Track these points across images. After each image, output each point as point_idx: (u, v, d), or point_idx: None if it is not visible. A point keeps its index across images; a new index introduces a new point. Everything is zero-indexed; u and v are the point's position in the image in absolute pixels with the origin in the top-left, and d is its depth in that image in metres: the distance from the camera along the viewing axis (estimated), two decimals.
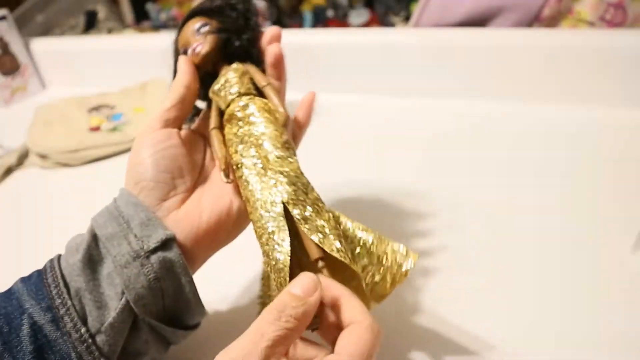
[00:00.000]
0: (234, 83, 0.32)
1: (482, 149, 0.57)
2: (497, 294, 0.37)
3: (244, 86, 0.32)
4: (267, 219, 0.27)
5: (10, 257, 0.49)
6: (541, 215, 0.45)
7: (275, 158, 0.29)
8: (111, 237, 0.28)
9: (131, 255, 0.27)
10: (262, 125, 0.30)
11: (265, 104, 0.31)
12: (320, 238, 0.26)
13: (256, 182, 0.28)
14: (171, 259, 0.28)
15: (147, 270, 0.27)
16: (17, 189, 0.62)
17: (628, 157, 0.52)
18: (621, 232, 0.41)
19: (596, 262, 0.39)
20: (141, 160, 0.30)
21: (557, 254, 0.40)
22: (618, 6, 0.64)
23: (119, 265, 0.27)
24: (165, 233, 0.28)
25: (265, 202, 0.28)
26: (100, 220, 0.29)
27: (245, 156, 0.30)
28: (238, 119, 0.31)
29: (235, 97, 0.32)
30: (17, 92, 0.89)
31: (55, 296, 0.26)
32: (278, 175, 0.28)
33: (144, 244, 0.27)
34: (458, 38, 0.65)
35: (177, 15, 1.18)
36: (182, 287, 0.29)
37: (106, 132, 0.69)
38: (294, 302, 0.22)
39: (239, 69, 0.33)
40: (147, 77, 0.81)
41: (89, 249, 0.28)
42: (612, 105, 0.60)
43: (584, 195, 0.47)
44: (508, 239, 0.43)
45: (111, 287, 0.27)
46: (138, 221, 0.28)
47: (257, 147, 0.30)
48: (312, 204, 0.28)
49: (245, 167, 0.29)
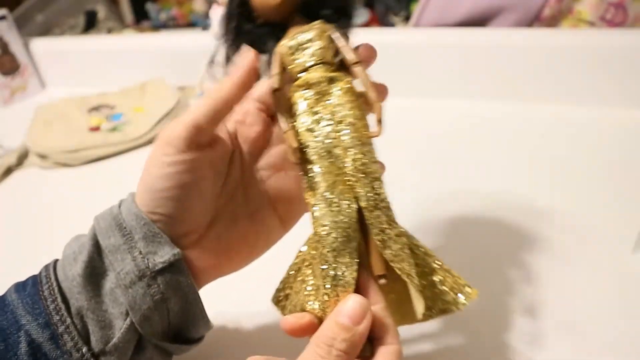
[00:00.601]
0: (317, 48, 0.26)
1: (482, 149, 0.57)
2: (495, 291, 0.37)
3: (329, 54, 0.26)
4: (337, 222, 0.24)
5: (10, 257, 0.49)
6: (541, 215, 0.45)
7: (356, 154, 0.25)
8: (114, 250, 0.26)
9: (136, 274, 0.26)
10: (346, 111, 0.25)
11: (352, 86, 0.26)
12: (393, 257, 0.24)
13: (327, 174, 0.25)
14: (179, 279, 0.27)
15: (153, 291, 0.26)
16: (16, 189, 0.62)
17: (628, 157, 0.52)
18: (621, 232, 0.41)
19: (596, 262, 0.39)
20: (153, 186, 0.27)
21: (556, 254, 0.40)
22: (618, 6, 0.64)
23: (124, 284, 0.26)
24: (172, 253, 0.26)
25: (336, 203, 0.24)
26: (103, 224, 0.27)
27: (317, 137, 0.25)
28: (316, 92, 0.26)
29: (315, 64, 0.26)
30: (16, 92, 0.89)
31: (52, 312, 0.25)
32: (358, 174, 0.25)
33: (150, 262, 0.26)
34: (458, 38, 0.65)
35: (176, 15, 1.18)
36: (189, 304, 0.27)
37: (106, 132, 0.69)
38: (343, 334, 0.21)
39: (325, 30, 0.26)
40: (147, 77, 0.81)
41: (91, 261, 0.26)
42: (612, 105, 0.60)
43: (583, 195, 0.47)
44: (508, 238, 0.43)
45: (115, 305, 0.26)
46: (141, 234, 0.26)
47: (335, 133, 0.25)
48: (386, 214, 0.25)
49: (314, 152, 0.25)
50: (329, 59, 0.26)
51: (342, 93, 0.26)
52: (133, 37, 0.95)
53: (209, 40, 0.65)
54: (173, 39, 0.87)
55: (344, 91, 0.26)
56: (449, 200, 0.48)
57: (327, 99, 0.26)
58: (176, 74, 0.80)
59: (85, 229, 0.29)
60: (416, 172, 0.54)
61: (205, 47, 0.73)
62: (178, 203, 0.26)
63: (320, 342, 0.22)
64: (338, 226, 0.24)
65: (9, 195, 0.61)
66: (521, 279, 0.38)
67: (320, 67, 0.26)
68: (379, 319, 0.23)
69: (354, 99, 0.26)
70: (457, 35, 0.66)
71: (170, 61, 0.82)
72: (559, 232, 0.43)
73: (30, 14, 0.99)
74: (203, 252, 0.28)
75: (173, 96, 0.73)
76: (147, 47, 0.84)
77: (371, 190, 0.25)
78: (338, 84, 0.26)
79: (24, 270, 0.29)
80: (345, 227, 0.24)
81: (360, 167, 0.25)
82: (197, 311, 0.28)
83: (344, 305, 0.22)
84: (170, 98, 0.73)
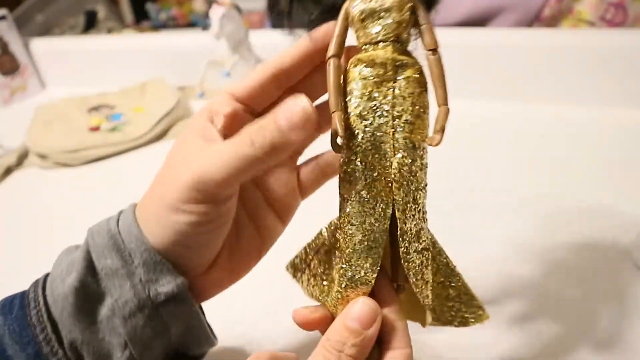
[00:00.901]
0: (394, 20, 0.22)
1: (482, 149, 0.57)
2: (494, 290, 0.37)
3: (404, 30, 0.23)
4: (367, 225, 0.22)
5: (10, 257, 0.49)
6: (541, 215, 0.45)
7: (404, 159, 0.22)
8: (112, 274, 0.23)
9: (136, 304, 0.23)
10: (407, 105, 0.22)
11: (421, 77, 0.23)
12: (413, 271, 0.23)
13: (368, 170, 0.22)
14: (182, 309, 0.25)
15: (154, 322, 0.24)
16: (16, 189, 0.62)
17: (628, 156, 0.52)
18: (621, 231, 0.41)
19: (596, 261, 0.39)
20: None
21: (556, 254, 0.40)
22: (618, 6, 0.64)
23: (122, 314, 0.23)
24: (176, 283, 0.24)
25: (371, 205, 0.22)
26: (98, 240, 0.24)
27: (367, 128, 0.22)
28: (379, 74, 0.22)
29: (386, 39, 0.22)
30: (16, 92, 0.89)
31: (42, 342, 0.23)
32: (402, 180, 0.22)
33: (151, 292, 0.23)
34: (458, 38, 0.65)
35: (176, 15, 1.18)
36: (191, 327, 0.26)
37: (106, 132, 0.69)
38: (352, 339, 0.21)
39: (407, 1, 0.22)
40: (147, 77, 0.80)
41: (83, 285, 0.23)
42: (612, 105, 0.60)
43: (584, 194, 0.47)
44: (507, 238, 0.42)
45: (113, 334, 0.24)
46: (141, 260, 0.23)
47: (389, 129, 0.22)
48: (419, 227, 0.23)
49: (360, 144, 0.22)
50: (403, 37, 0.23)
51: (407, 83, 0.22)
52: (133, 37, 0.96)
53: (209, 40, 0.65)
54: (173, 39, 0.87)
55: (411, 81, 0.22)
56: (449, 200, 0.48)
57: (390, 86, 0.22)
58: (176, 74, 0.80)
59: (85, 229, 0.29)
60: None
61: (205, 47, 0.74)
62: (191, 249, 0.24)
63: (330, 347, 0.21)
64: (367, 229, 0.22)
65: (9, 195, 0.61)
66: (521, 278, 0.38)
67: (390, 45, 0.22)
68: (389, 322, 0.23)
69: (419, 92, 0.23)
70: (457, 35, 0.66)
71: (170, 61, 0.82)
72: (559, 232, 0.42)
73: (30, 14, 0.99)
74: (213, 274, 0.26)
75: (173, 96, 0.73)
76: (147, 47, 0.84)
77: (412, 201, 0.23)
78: (406, 71, 0.22)
79: (23, 270, 0.29)
80: (375, 231, 0.22)
81: (405, 174, 0.22)
82: (201, 334, 0.27)
83: (353, 307, 0.22)
84: (170, 98, 0.73)
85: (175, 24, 1.24)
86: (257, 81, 0.25)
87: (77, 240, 0.28)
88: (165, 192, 0.23)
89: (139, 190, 0.27)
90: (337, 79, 0.23)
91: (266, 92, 0.25)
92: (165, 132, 0.70)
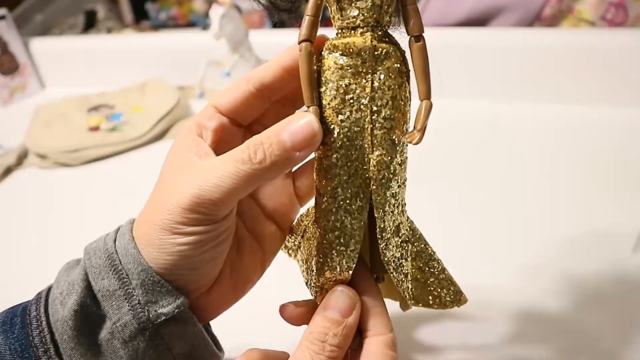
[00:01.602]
0: (374, 3, 0.20)
1: (482, 149, 0.57)
2: (496, 291, 0.37)
3: (386, 15, 0.21)
4: (344, 223, 0.22)
5: (9, 257, 0.49)
6: (541, 215, 0.45)
7: (382, 156, 0.21)
8: (108, 295, 0.23)
9: (135, 327, 0.22)
10: (387, 99, 0.21)
11: (403, 67, 0.21)
12: (392, 265, 0.23)
13: (345, 167, 0.21)
14: (185, 329, 0.24)
15: (156, 343, 0.23)
16: (16, 188, 0.62)
17: (629, 156, 0.52)
18: (622, 231, 0.41)
19: (596, 261, 0.39)
20: None
21: (557, 254, 0.40)
22: (619, 5, 0.64)
23: (122, 337, 0.23)
24: (176, 304, 0.23)
25: (348, 202, 0.22)
26: (95, 260, 0.23)
27: (344, 122, 0.21)
28: (356, 64, 0.20)
29: (365, 25, 0.20)
30: (16, 92, 0.89)
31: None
32: (380, 178, 0.21)
33: (151, 314, 0.22)
34: (459, 38, 0.65)
35: (176, 15, 1.18)
36: (196, 347, 0.25)
37: (105, 131, 0.68)
38: (334, 329, 0.21)
39: None
40: (147, 76, 0.80)
41: (82, 308, 0.23)
42: (613, 105, 0.60)
43: (584, 194, 0.47)
44: (507, 238, 0.42)
45: (114, 356, 0.23)
46: (139, 280, 0.22)
47: (367, 124, 0.21)
48: (398, 222, 0.23)
49: (336, 139, 0.21)
50: (384, 20, 0.21)
51: (387, 75, 0.21)
52: (133, 37, 0.95)
53: (208, 40, 0.65)
54: (173, 39, 0.87)
55: (391, 73, 0.21)
56: (448, 200, 0.48)
57: (369, 78, 0.20)
58: (176, 74, 0.80)
59: (84, 229, 0.29)
60: (415, 171, 0.53)
61: (205, 46, 0.74)
62: (193, 269, 0.23)
63: (313, 339, 0.22)
64: (344, 227, 0.22)
65: (9, 195, 0.60)
66: (521, 278, 0.38)
67: (369, 32, 0.20)
68: (369, 309, 0.23)
69: (400, 83, 0.21)
70: (457, 35, 0.66)
71: (170, 61, 0.82)
72: (559, 232, 0.42)
73: (29, 14, 0.99)
74: (216, 292, 0.26)
75: (173, 96, 0.73)
76: (146, 46, 0.84)
77: (392, 198, 0.22)
78: (386, 62, 0.21)
79: (23, 270, 0.29)
80: (352, 228, 0.22)
81: (384, 172, 0.21)
82: (206, 352, 0.26)
83: (331, 297, 0.22)
84: (170, 98, 0.73)
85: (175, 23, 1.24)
86: (240, 96, 0.24)
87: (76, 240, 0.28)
88: (162, 213, 0.22)
89: (139, 190, 0.27)
90: (310, 69, 0.21)
91: (251, 106, 0.24)
92: (165, 132, 0.70)
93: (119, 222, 0.25)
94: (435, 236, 0.27)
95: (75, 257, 0.28)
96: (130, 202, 0.27)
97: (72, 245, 0.29)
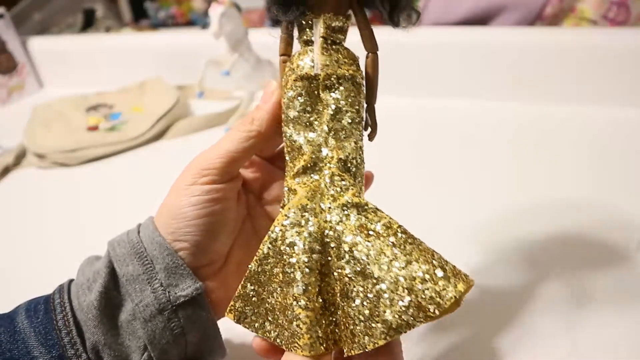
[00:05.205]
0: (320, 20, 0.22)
1: (483, 149, 0.56)
2: (498, 294, 0.37)
3: (338, 20, 0.23)
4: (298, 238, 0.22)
5: (9, 257, 0.48)
6: (542, 215, 0.44)
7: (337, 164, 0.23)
8: (133, 280, 0.25)
9: (156, 307, 0.25)
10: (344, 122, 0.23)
11: (355, 78, 0.23)
12: None
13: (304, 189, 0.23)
14: (200, 313, 0.26)
15: (173, 325, 0.25)
16: (14, 188, 0.61)
17: (630, 156, 0.52)
18: (622, 231, 0.41)
19: (597, 261, 0.39)
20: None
21: (557, 254, 0.40)
22: (621, 4, 0.64)
23: (143, 317, 0.25)
24: (195, 287, 0.26)
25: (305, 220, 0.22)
26: (119, 250, 0.26)
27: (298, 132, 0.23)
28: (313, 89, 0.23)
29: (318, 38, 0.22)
30: (14, 92, 0.88)
31: (67, 345, 0.24)
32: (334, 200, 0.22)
33: (171, 295, 0.25)
34: (459, 37, 0.65)
35: (175, 14, 1.18)
36: (207, 336, 0.27)
37: (104, 131, 0.68)
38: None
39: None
40: (146, 76, 0.80)
41: (106, 291, 0.25)
42: (614, 105, 0.60)
43: (584, 194, 0.46)
44: (507, 238, 0.42)
45: (133, 338, 0.25)
46: (163, 265, 0.25)
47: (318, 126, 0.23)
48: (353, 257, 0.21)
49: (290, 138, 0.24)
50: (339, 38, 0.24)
51: (343, 97, 0.23)
52: (132, 36, 0.95)
53: (208, 39, 0.64)
54: (172, 38, 0.86)
55: (346, 95, 0.23)
56: (447, 200, 0.48)
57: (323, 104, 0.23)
58: (175, 73, 0.79)
59: (83, 229, 0.29)
60: (414, 170, 0.53)
61: (205, 45, 0.73)
62: (206, 232, 0.26)
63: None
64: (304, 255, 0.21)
65: (7, 195, 0.60)
66: (522, 279, 0.38)
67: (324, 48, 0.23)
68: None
69: (353, 100, 0.23)
70: (458, 34, 0.65)
71: (169, 60, 0.82)
72: (560, 232, 0.42)
73: (27, 13, 0.99)
74: (224, 282, 0.28)
75: (172, 95, 0.73)
76: (145, 45, 0.83)
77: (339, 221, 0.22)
78: (341, 85, 0.23)
79: (22, 270, 0.28)
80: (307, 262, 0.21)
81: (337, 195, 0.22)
82: (215, 343, 0.28)
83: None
84: (170, 97, 0.72)
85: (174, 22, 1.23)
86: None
87: (76, 240, 0.28)
88: (177, 192, 0.26)
89: (138, 190, 0.27)
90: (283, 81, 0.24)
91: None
92: (164, 131, 0.69)
93: (118, 221, 0.25)
94: (427, 234, 0.27)
95: (75, 257, 0.28)
96: (129, 201, 0.27)
97: (72, 244, 0.29)
